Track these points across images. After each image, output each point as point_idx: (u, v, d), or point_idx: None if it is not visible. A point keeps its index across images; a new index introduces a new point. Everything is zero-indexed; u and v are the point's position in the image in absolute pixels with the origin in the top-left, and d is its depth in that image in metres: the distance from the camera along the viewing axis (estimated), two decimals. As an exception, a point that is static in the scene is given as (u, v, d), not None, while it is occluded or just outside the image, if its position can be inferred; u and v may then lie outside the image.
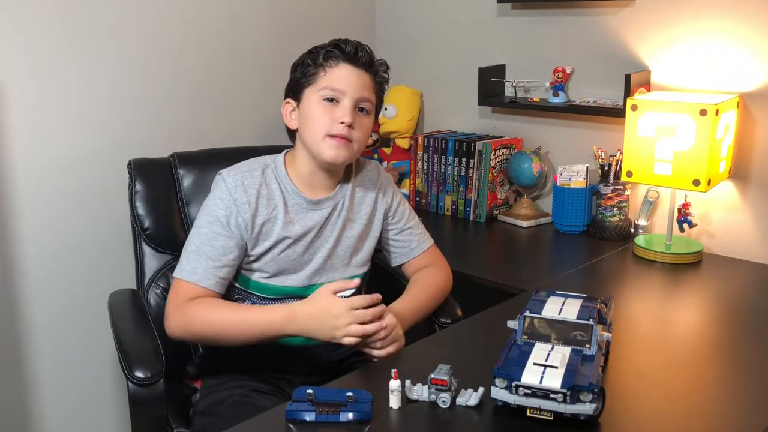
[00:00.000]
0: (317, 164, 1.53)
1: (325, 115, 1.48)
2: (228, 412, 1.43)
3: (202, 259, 1.46)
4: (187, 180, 1.79)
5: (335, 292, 1.38)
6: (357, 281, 1.48)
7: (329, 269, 1.57)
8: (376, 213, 1.63)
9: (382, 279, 1.75)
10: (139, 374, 1.38)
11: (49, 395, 2.05)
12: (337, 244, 1.57)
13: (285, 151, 1.60)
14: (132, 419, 1.42)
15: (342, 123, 1.46)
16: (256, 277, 1.54)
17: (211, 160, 1.81)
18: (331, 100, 1.48)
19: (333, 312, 1.36)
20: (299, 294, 1.53)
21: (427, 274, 1.65)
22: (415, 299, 1.57)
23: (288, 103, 1.56)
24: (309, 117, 1.50)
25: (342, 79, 1.48)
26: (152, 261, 1.75)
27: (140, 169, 1.77)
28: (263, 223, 1.50)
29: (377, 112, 1.59)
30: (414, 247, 1.66)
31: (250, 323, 1.42)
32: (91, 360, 2.11)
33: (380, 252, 1.70)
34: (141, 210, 1.73)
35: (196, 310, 1.43)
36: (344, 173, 1.60)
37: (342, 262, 1.58)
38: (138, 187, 1.74)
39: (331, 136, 1.47)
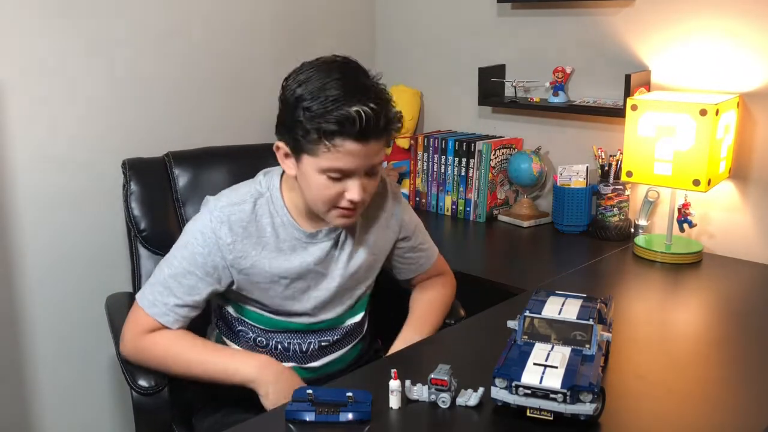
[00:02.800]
0: None
1: (331, 189, 1.30)
2: (228, 412, 1.43)
3: (165, 293, 1.37)
4: (182, 179, 1.76)
5: None
6: None
7: (335, 302, 1.48)
8: (385, 239, 1.52)
9: (385, 289, 1.68)
10: (143, 383, 1.37)
11: (48, 400, 2.04)
12: (343, 279, 1.46)
13: (282, 171, 1.41)
14: (136, 427, 1.41)
15: (350, 201, 1.31)
16: (258, 311, 1.46)
17: (206, 159, 1.80)
18: (337, 177, 1.30)
19: (293, 384, 1.32)
20: (304, 329, 1.47)
21: (432, 292, 1.60)
22: (418, 329, 1.51)
23: (280, 147, 1.35)
24: (311, 184, 1.32)
25: (350, 158, 1.26)
26: (148, 263, 1.71)
27: (135, 169, 1.74)
28: (252, 264, 1.37)
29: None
30: (423, 263, 1.61)
31: (219, 369, 1.35)
32: (90, 362, 2.11)
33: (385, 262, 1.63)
34: (137, 211, 1.71)
35: (161, 343, 1.36)
36: None
37: (348, 293, 1.49)
38: (133, 187, 1.72)
39: (338, 207, 1.33)
